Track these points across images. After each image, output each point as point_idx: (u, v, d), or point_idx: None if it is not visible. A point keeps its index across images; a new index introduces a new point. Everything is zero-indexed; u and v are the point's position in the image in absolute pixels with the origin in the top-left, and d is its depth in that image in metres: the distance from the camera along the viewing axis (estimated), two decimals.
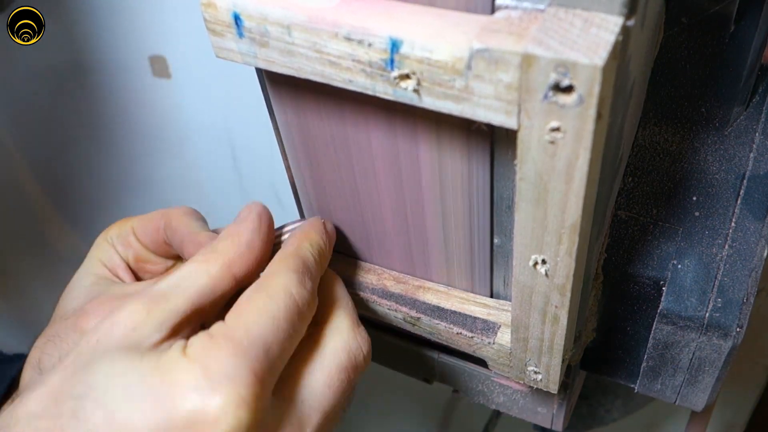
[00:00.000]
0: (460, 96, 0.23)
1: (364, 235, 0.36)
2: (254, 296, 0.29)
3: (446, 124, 0.27)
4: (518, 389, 0.41)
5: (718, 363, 0.35)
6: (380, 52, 0.23)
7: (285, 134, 0.33)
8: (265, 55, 0.26)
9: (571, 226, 0.24)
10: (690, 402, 0.38)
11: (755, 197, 0.34)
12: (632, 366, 0.39)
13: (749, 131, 0.35)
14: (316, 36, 0.24)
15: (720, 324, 0.33)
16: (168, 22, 0.64)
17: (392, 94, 0.24)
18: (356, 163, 0.31)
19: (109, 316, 0.28)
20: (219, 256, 0.30)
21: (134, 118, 0.74)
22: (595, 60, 0.19)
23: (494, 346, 0.34)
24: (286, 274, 0.29)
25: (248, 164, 0.74)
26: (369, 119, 0.29)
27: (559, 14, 0.21)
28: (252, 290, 0.29)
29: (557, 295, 0.28)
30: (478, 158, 0.28)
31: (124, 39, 0.66)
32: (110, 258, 0.38)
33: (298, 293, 0.29)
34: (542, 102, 0.21)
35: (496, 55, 0.21)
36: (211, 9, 0.26)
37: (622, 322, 0.37)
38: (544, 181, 0.23)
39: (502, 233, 0.32)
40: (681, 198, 0.35)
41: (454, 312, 0.35)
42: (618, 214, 0.36)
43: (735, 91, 0.34)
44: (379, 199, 0.33)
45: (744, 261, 0.34)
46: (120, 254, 0.38)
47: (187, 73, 0.67)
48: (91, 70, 0.70)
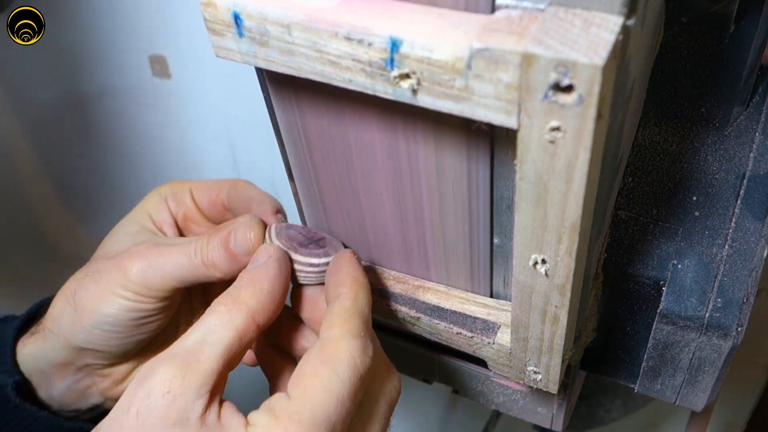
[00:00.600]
0: (460, 95, 0.23)
1: (364, 235, 0.36)
2: (320, 369, 0.28)
3: (446, 123, 0.27)
4: (518, 389, 0.41)
5: (718, 363, 0.35)
6: (380, 51, 0.23)
7: (285, 134, 0.33)
8: (265, 54, 0.26)
9: (571, 226, 0.24)
10: (690, 402, 0.38)
11: (755, 197, 0.34)
12: (632, 366, 0.39)
13: (749, 131, 0.35)
14: (316, 35, 0.24)
15: (720, 324, 0.33)
16: (168, 22, 0.64)
17: (392, 94, 0.24)
18: (356, 162, 0.31)
19: (141, 381, 0.28)
20: (243, 306, 0.30)
21: (134, 118, 0.74)
22: (595, 59, 0.19)
23: (494, 346, 0.34)
24: (350, 341, 0.29)
25: (248, 164, 0.74)
26: (369, 119, 0.29)
27: (559, 14, 0.21)
28: (316, 359, 0.29)
29: (557, 295, 0.28)
30: (478, 158, 0.28)
31: (124, 39, 0.66)
32: (158, 211, 0.39)
33: (362, 363, 0.29)
34: (542, 101, 0.21)
35: (496, 55, 0.21)
36: (211, 8, 0.26)
37: (622, 322, 0.37)
38: (544, 180, 0.23)
39: (502, 233, 0.32)
40: (681, 198, 0.35)
41: (454, 312, 0.35)
42: (618, 214, 0.36)
43: (735, 91, 0.34)
44: (379, 199, 0.33)
45: (744, 261, 0.34)
46: (171, 210, 0.39)
47: (187, 73, 0.67)
48: (91, 70, 0.70)
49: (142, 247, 0.35)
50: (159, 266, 0.34)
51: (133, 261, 0.35)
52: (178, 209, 0.39)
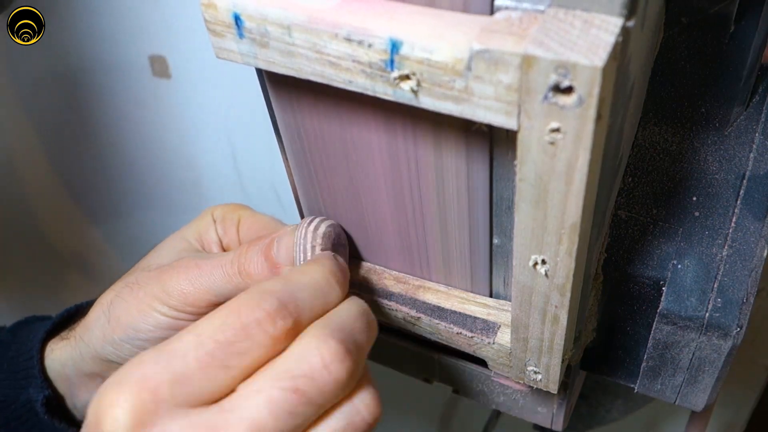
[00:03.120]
0: (460, 97, 0.23)
1: (364, 235, 0.36)
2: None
3: (446, 124, 0.27)
4: (518, 389, 0.41)
5: (718, 363, 0.35)
6: (380, 52, 0.23)
7: (285, 134, 0.33)
8: (265, 55, 0.26)
9: (571, 227, 0.24)
10: (690, 402, 0.38)
11: (755, 197, 0.34)
12: (632, 366, 0.39)
13: (749, 131, 0.35)
14: (316, 36, 0.24)
15: (720, 324, 0.33)
16: (168, 22, 0.63)
17: (392, 95, 0.24)
18: (356, 163, 0.31)
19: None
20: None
21: (134, 118, 0.74)
22: (595, 61, 0.19)
23: (494, 346, 0.34)
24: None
25: (248, 164, 0.74)
26: (369, 120, 0.29)
27: (559, 15, 0.21)
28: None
29: (557, 295, 0.28)
30: (478, 159, 0.28)
31: (124, 39, 0.66)
32: (208, 232, 0.38)
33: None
34: (542, 103, 0.21)
35: (496, 56, 0.21)
36: (212, 9, 0.26)
37: (622, 322, 0.37)
38: (544, 181, 0.23)
39: (502, 233, 0.32)
40: (681, 198, 0.35)
41: (454, 312, 0.35)
42: (618, 214, 0.36)
43: (735, 91, 0.34)
44: (378, 200, 0.33)
45: (744, 261, 0.34)
46: (218, 234, 0.38)
47: (187, 73, 0.67)
48: (91, 70, 0.70)
49: (183, 261, 0.35)
50: (195, 279, 0.34)
51: (171, 275, 0.34)
52: (224, 236, 0.38)
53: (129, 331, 0.35)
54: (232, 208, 0.38)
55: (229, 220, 0.38)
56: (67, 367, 0.38)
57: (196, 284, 0.34)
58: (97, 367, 0.37)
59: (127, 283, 0.36)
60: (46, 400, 0.37)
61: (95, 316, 0.36)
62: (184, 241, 0.38)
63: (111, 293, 0.36)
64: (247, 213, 0.38)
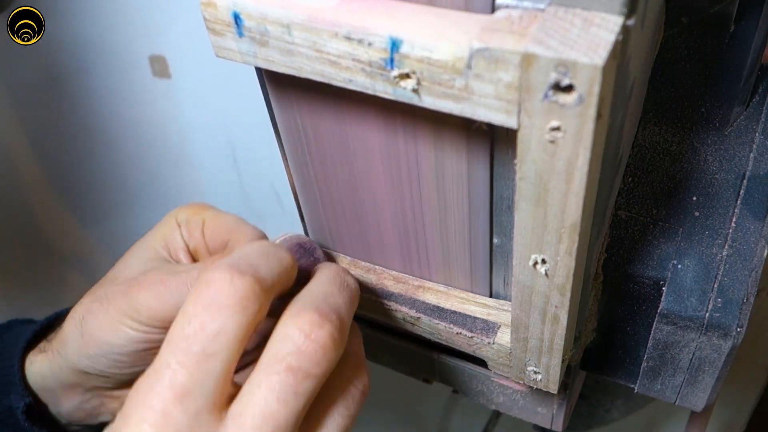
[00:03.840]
0: (460, 95, 0.23)
1: (363, 235, 0.36)
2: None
3: (446, 123, 0.27)
4: (518, 389, 0.41)
5: (718, 363, 0.35)
6: (380, 51, 0.23)
7: (285, 134, 0.33)
8: (264, 54, 0.26)
9: (571, 226, 0.24)
10: (690, 402, 0.38)
11: (755, 197, 0.34)
12: (632, 366, 0.39)
13: (749, 131, 0.35)
14: (316, 35, 0.24)
15: (720, 324, 0.33)
16: (168, 22, 0.64)
17: (392, 94, 0.24)
18: (356, 162, 0.31)
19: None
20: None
21: (134, 118, 0.74)
22: (595, 59, 0.19)
23: (494, 346, 0.34)
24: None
25: (248, 164, 0.74)
26: (369, 119, 0.29)
27: (559, 14, 0.21)
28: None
29: (557, 295, 0.28)
30: (478, 158, 0.28)
31: (124, 39, 0.66)
32: (173, 237, 0.37)
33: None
34: (542, 101, 0.21)
35: (496, 55, 0.21)
36: (211, 8, 0.26)
37: (622, 322, 0.37)
38: (544, 180, 0.23)
39: (502, 233, 0.32)
40: (681, 198, 0.35)
41: (453, 312, 0.35)
42: (618, 214, 0.36)
43: (735, 91, 0.34)
44: (378, 199, 0.33)
45: (744, 261, 0.34)
46: (183, 238, 0.37)
47: (187, 73, 0.67)
48: (91, 70, 0.70)
49: (150, 276, 0.34)
50: (161, 295, 0.33)
51: (138, 290, 0.34)
52: (190, 240, 0.38)
53: (103, 346, 0.35)
54: (195, 210, 0.38)
55: (194, 223, 0.37)
56: (48, 379, 0.38)
57: (162, 300, 0.33)
58: (77, 378, 0.37)
59: (97, 297, 0.35)
60: (26, 408, 0.37)
61: (69, 330, 0.36)
62: (152, 250, 0.37)
63: (82, 308, 0.36)
64: (210, 214, 0.37)
